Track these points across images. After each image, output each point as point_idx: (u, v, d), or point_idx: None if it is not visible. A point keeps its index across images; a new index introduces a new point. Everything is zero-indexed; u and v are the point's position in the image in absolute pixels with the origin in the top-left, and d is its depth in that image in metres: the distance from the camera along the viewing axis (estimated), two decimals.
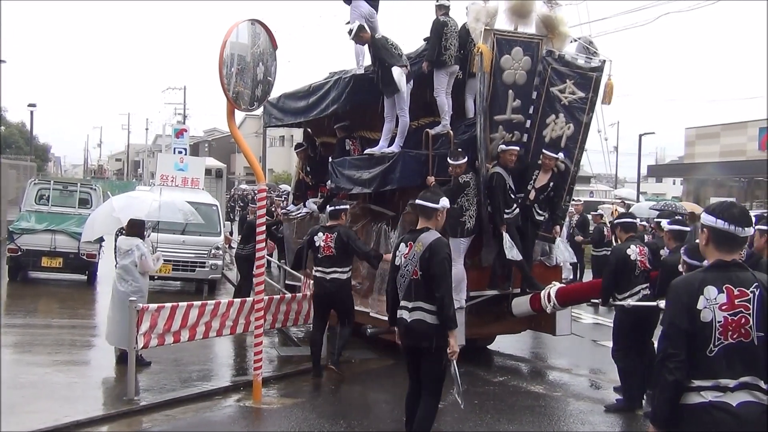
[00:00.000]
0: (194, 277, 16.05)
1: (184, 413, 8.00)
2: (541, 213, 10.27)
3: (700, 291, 3.81)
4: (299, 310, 10.13)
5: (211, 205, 16.73)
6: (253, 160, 8.79)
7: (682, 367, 3.80)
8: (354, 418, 8.02)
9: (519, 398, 8.85)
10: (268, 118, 14.42)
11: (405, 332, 6.35)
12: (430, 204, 6.38)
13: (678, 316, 3.85)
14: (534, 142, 10.14)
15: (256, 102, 8.30)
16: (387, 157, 10.27)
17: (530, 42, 10.22)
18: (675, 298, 3.91)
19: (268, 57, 8.30)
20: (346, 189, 11.33)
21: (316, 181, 13.61)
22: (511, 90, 10.07)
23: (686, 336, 3.81)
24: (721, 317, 3.77)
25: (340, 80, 11.25)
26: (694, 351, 3.81)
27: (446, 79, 10.33)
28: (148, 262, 9.56)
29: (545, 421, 8.09)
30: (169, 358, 9.98)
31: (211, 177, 23.50)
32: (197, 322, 8.73)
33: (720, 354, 3.79)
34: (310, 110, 12.33)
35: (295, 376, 9.73)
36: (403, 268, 6.30)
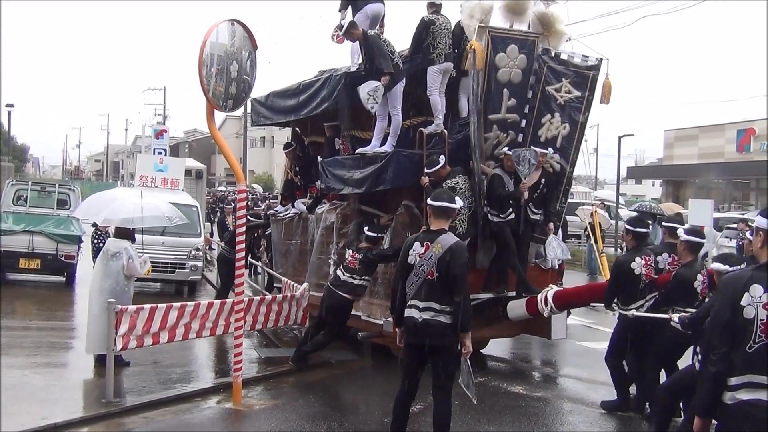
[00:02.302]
0: (174, 279, 15.99)
1: (163, 415, 7.94)
2: (535, 212, 10.10)
3: (746, 288, 3.94)
4: (279, 312, 10.11)
5: (191, 206, 16.63)
6: (233, 160, 8.75)
7: (724, 359, 3.93)
8: (335, 420, 8.01)
9: (499, 399, 8.87)
10: (256, 116, 14.13)
11: (415, 331, 6.36)
12: (450, 204, 6.48)
13: (722, 310, 4.00)
14: (529, 142, 9.98)
15: (230, 100, 8.15)
16: (379, 156, 10.07)
17: (526, 40, 10.04)
18: (722, 292, 4.09)
19: (243, 55, 8.18)
20: (336, 189, 11.12)
21: (304, 181, 13.39)
22: (506, 89, 9.92)
23: (729, 330, 3.91)
24: (764, 315, 3.89)
25: (331, 78, 11.02)
26: (735, 346, 3.92)
27: (439, 78, 10.11)
28: (135, 265, 9.49)
29: (524, 421, 8.11)
30: (149, 359, 9.92)
31: (191, 178, 23.38)
32: (177, 323, 8.69)
33: (760, 351, 3.90)
34: (299, 109, 12.09)
35: (275, 377, 9.69)
36: (417, 268, 6.32)
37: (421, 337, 6.34)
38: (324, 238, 11.40)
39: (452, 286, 6.19)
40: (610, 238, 26.94)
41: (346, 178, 10.66)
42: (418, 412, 7.56)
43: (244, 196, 8.89)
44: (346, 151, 11.52)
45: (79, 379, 9.29)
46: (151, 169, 16.79)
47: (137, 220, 9.67)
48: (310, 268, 11.61)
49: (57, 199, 17.30)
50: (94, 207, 10.40)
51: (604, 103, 10.29)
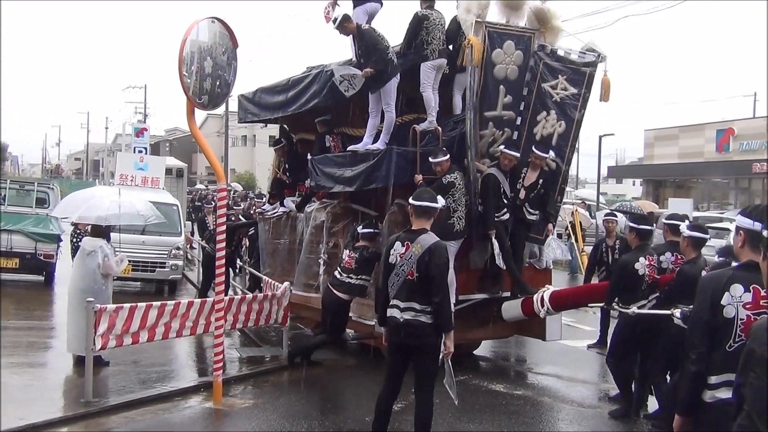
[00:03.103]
0: (154, 278, 15.93)
1: (142, 415, 7.90)
2: (532, 212, 9.92)
3: (726, 287, 3.97)
4: (260, 311, 10.06)
5: (172, 205, 16.58)
6: (213, 159, 8.71)
7: (703, 359, 3.97)
8: (315, 419, 8.00)
9: (480, 397, 8.89)
10: (243, 113, 13.74)
11: (397, 331, 6.36)
12: (431, 204, 6.45)
13: (702, 309, 4.03)
14: (524, 140, 9.82)
15: (205, 96, 8.00)
16: (372, 154, 9.86)
17: (522, 36, 9.85)
18: (702, 291, 4.08)
19: (219, 51, 8.07)
20: (327, 187, 10.91)
21: (293, 179, 13.04)
22: (502, 85, 9.74)
23: (708, 329, 3.94)
24: (744, 315, 3.91)
25: (322, 73, 10.70)
26: (715, 345, 3.95)
27: (433, 74, 9.88)
28: (111, 264, 9.44)
29: (504, 419, 8.14)
30: (129, 359, 9.87)
31: (172, 176, 23.30)
32: (156, 322, 8.64)
33: (739, 350, 3.91)
34: (288, 105, 11.74)
35: (256, 376, 9.67)
36: (398, 268, 6.31)
37: (403, 337, 6.35)
38: (313, 237, 11.18)
39: (431, 286, 6.19)
40: (591, 237, 27.07)
41: (337, 175, 10.47)
42: (399, 410, 7.56)
43: (224, 195, 8.85)
44: (336, 149, 11.33)
45: (58, 379, 9.22)
46: (132, 168, 16.83)
47: (113, 218, 9.60)
48: (299, 267, 11.43)
49: (36, 198, 17.18)
50: (72, 205, 10.35)
51: (604, 101, 10.13)
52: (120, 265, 9.70)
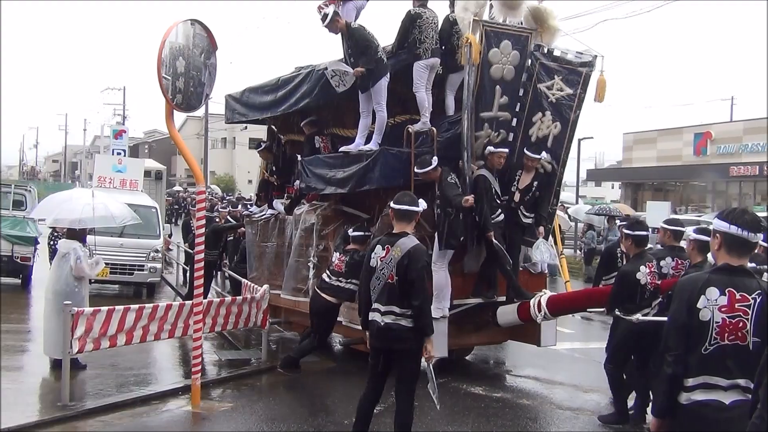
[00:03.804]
0: (132, 281, 15.85)
1: (120, 418, 7.85)
2: (527, 216, 9.75)
3: (702, 291, 3.99)
4: (239, 314, 10.03)
5: (150, 207, 16.48)
6: (192, 161, 8.67)
7: (679, 361, 4.01)
8: (294, 421, 7.98)
9: (459, 399, 8.90)
10: (231, 113, 13.44)
11: (378, 335, 6.37)
12: (412, 207, 6.43)
13: (678, 312, 4.06)
14: (520, 142, 9.66)
15: (179, 95, 7.91)
16: (365, 155, 9.66)
17: (519, 35, 9.66)
18: (678, 294, 4.12)
19: (193, 52, 8.00)
20: (318, 189, 10.67)
21: (282, 181, 12.79)
22: (498, 86, 9.53)
23: (685, 332, 3.98)
24: (720, 318, 3.94)
25: (313, 73, 10.50)
26: (690, 347, 3.98)
27: (426, 74, 9.70)
28: (83, 266, 9.36)
29: (483, 421, 8.16)
30: (106, 362, 9.80)
31: (151, 179, 23.18)
32: (134, 325, 8.59)
33: (715, 353, 3.97)
34: (277, 105, 11.52)
35: (235, 379, 9.64)
36: (378, 271, 6.31)
37: (384, 340, 6.36)
38: (303, 240, 10.99)
39: (411, 289, 6.19)
40: (570, 240, 27.23)
41: (328, 177, 10.27)
42: (378, 413, 7.54)
43: (203, 197, 8.82)
44: (326, 150, 11.10)
45: (34, 383, 9.14)
46: (110, 170, 16.77)
47: (87, 220, 9.53)
48: (288, 271, 11.24)
49: (13, 200, 17.07)
50: (49, 207, 10.27)
51: (598, 101, 9.96)
52: (95, 267, 9.63)
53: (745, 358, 3.91)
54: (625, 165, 45.26)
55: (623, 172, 45.94)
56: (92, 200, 9.65)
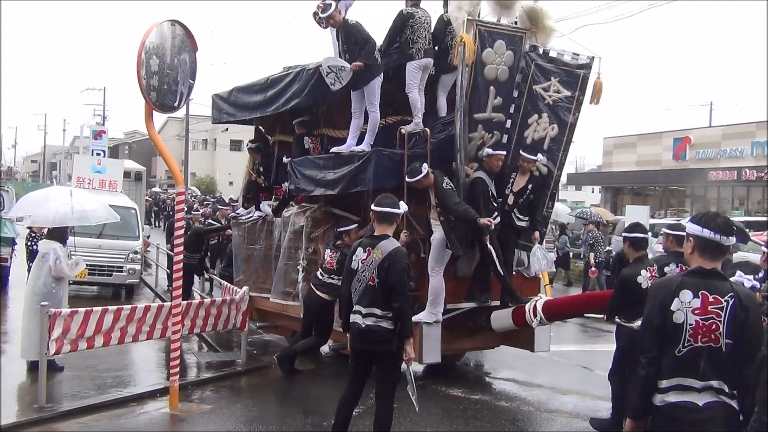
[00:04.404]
0: (111, 282, 15.76)
1: (97, 420, 7.81)
2: (521, 219, 9.53)
3: (676, 293, 4.04)
4: (219, 315, 10.00)
5: (130, 209, 16.39)
6: (172, 162, 8.64)
7: (653, 363, 4.05)
8: (272, 423, 7.98)
9: (438, 401, 8.92)
10: (218, 113, 12.96)
11: (359, 337, 6.38)
12: (393, 210, 6.45)
13: (652, 314, 4.11)
14: (514, 144, 9.44)
15: (153, 92, 7.84)
16: (357, 156, 9.40)
17: (514, 35, 9.44)
18: (652, 297, 4.17)
19: (172, 51, 7.94)
20: (307, 191, 10.40)
21: (269, 182, 12.32)
22: (492, 86, 9.31)
23: (659, 334, 4.03)
24: (693, 320, 3.99)
25: (304, 72, 10.19)
26: (664, 349, 4.03)
27: (419, 74, 9.46)
28: (62, 267, 9.31)
29: (461, 423, 8.18)
30: (84, 364, 9.74)
31: (130, 180, 23.03)
32: (112, 327, 8.55)
33: (688, 355, 4.01)
34: (267, 105, 11.17)
35: (214, 381, 9.62)
36: (359, 273, 6.33)
37: (365, 342, 6.38)
38: (292, 243, 10.72)
39: (391, 292, 6.21)
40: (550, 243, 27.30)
41: (318, 178, 10.04)
42: (357, 415, 7.53)
43: (182, 199, 8.79)
44: (316, 151, 10.87)
45: (10, 385, 9.04)
46: (89, 171, 16.65)
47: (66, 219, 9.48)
48: (277, 274, 10.98)
49: None
50: (26, 206, 10.20)
51: (594, 104, 9.78)
52: (75, 268, 9.57)
53: (718, 359, 3.97)
54: (606, 169, 45.55)
55: (603, 176, 46.23)
56: (71, 199, 9.59)
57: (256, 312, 11.88)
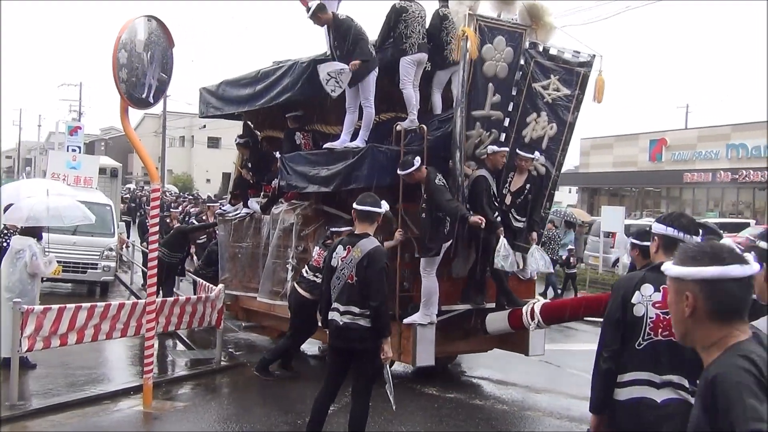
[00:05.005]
0: (86, 279, 15.65)
1: (69, 419, 7.75)
2: (519, 219, 9.33)
3: (638, 287, 4.11)
4: (194, 313, 9.95)
5: (105, 205, 16.29)
6: (147, 158, 8.59)
7: (614, 357, 4.10)
8: (247, 421, 7.96)
9: (413, 399, 8.91)
10: (205, 107, 12.57)
11: (336, 334, 6.38)
12: (374, 209, 6.43)
13: (613, 308, 4.17)
14: (512, 143, 9.23)
15: (123, 83, 7.72)
16: (352, 152, 9.15)
17: (514, 32, 9.21)
18: (615, 292, 4.23)
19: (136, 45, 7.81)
20: (300, 188, 10.10)
21: (258, 179, 12.01)
22: (491, 83, 9.07)
23: (619, 327, 4.07)
24: (654, 314, 4.03)
25: (296, 66, 9.93)
26: (624, 343, 4.07)
27: (413, 70, 9.20)
28: (38, 263, 9.25)
29: (436, 421, 8.21)
30: (57, 361, 9.67)
31: (106, 176, 22.85)
32: (86, 324, 8.48)
33: (648, 348, 4.06)
34: (256, 99, 10.85)
35: (189, 379, 9.60)
36: (339, 271, 6.32)
37: (342, 340, 6.38)
38: (281, 241, 10.43)
39: (369, 290, 6.22)
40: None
41: (311, 175, 9.75)
42: (332, 413, 7.54)
43: (157, 195, 8.74)
44: (307, 147, 10.63)
45: None
46: (64, 167, 16.54)
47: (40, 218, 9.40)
48: (265, 273, 10.67)
49: None
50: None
51: (597, 102, 9.61)
52: (49, 266, 9.51)
53: (678, 354, 3.96)
54: (582, 170, 45.79)
55: (580, 176, 46.47)
56: (47, 198, 9.53)
57: (242, 311, 11.79)
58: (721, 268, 2.34)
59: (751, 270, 2.38)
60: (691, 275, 2.38)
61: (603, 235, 22.03)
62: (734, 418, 2.16)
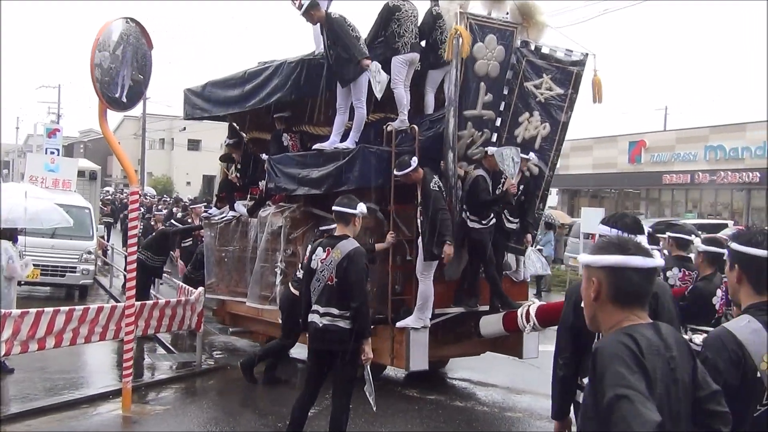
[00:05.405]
0: (64, 283, 15.54)
1: (48, 423, 7.70)
2: (512, 221, 9.25)
3: None
4: (173, 316, 9.89)
5: (84, 208, 16.17)
6: (125, 160, 8.55)
7: (570, 363, 4.10)
8: (227, 424, 7.94)
9: (394, 401, 8.89)
10: (190, 109, 12.31)
11: (316, 336, 6.37)
12: (348, 210, 6.42)
13: (566, 314, 4.21)
14: (504, 142, 9.09)
15: (97, 83, 7.66)
16: (342, 153, 9.01)
17: (505, 30, 9.07)
18: (567, 298, 4.25)
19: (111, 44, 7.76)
20: (288, 190, 9.92)
21: (244, 181, 11.79)
22: (482, 82, 8.95)
23: (573, 333, 4.08)
24: None
25: (284, 65, 9.73)
26: (580, 347, 4.07)
27: (405, 69, 9.05)
28: (15, 267, 9.17)
29: (416, 422, 8.21)
30: (35, 366, 9.60)
31: (85, 179, 22.71)
32: (64, 328, 8.42)
33: None
34: (244, 100, 10.63)
35: (168, 383, 9.56)
36: (318, 273, 6.32)
37: (322, 342, 6.37)
38: (269, 245, 10.23)
39: (350, 291, 6.22)
40: None
41: (300, 177, 9.57)
42: (312, 416, 7.53)
43: (136, 198, 8.70)
44: (295, 148, 10.44)
45: None
46: (42, 169, 16.40)
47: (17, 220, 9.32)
48: (253, 278, 10.43)
49: None
50: None
51: (598, 102, 9.46)
52: (25, 269, 9.43)
53: None
54: (562, 171, 45.80)
55: (560, 178, 46.55)
56: (24, 200, 9.45)
57: (229, 317, 11.66)
58: (623, 257, 2.58)
59: (653, 263, 2.61)
60: (597, 262, 2.64)
61: (583, 236, 22.13)
62: (605, 383, 2.37)
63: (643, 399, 2.32)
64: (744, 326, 3.04)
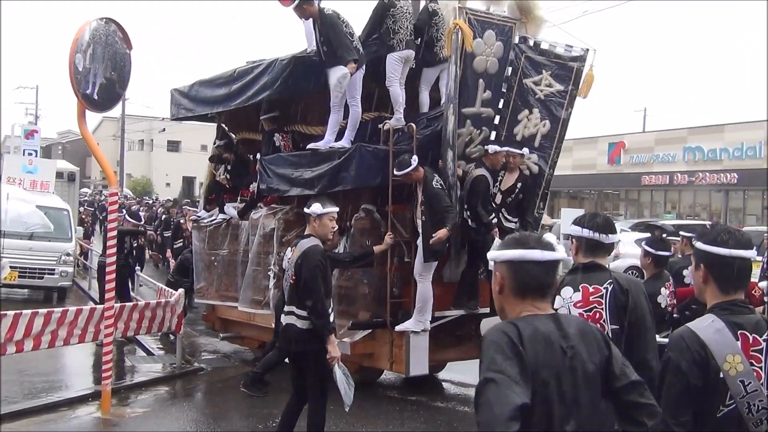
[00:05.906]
0: (43, 285, 15.39)
1: (26, 426, 7.64)
2: (510, 219, 9.03)
3: (558, 292, 4.06)
4: (153, 318, 9.83)
5: (62, 210, 16.04)
6: (104, 161, 8.51)
7: None
8: (207, 426, 7.92)
9: (375, 402, 8.91)
10: (176, 109, 11.91)
11: (282, 335, 6.41)
12: (306, 209, 6.41)
13: None
14: (503, 140, 8.95)
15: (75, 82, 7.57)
16: (338, 152, 8.78)
17: (504, 26, 8.88)
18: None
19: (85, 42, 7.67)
20: (282, 191, 9.68)
21: (234, 183, 11.46)
22: (481, 79, 8.75)
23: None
24: (577, 314, 4.03)
25: (276, 63, 9.40)
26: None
27: (400, 67, 8.83)
28: None
29: (397, 423, 8.21)
30: (13, 368, 9.47)
31: (63, 180, 22.52)
32: (42, 330, 8.34)
33: None
34: (232, 99, 10.30)
35: (148, 385, 9.48)
36: (286, 272, 6.34)
37: (286, 341, 6.37)
38: (261, 248, 9.93)
39: (304, 290, 6.12)
40: None
41: (293, 177, 9.35)
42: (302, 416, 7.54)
43: (115, 200, 8.65)
44: (287, 148, 10.11)
45: None
46: (20, 171, 16.27)
47: None
48: (245, 282, 10.14)
49: None
50: None
51: (582, 97, 9.28)
52: (2, 271, 9.36)
53: None
54: None
55: None
56: (5, 202, 9.39)
57: (219, 322, 11.47)
58: (522, 251, 2.73)
59: (551, 256, 2.75)
60: (500, 257, 2.80)
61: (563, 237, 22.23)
62: (480, 369, 2.54)
63: (510, 383, 2.46)
64: (707, 326, 3.06)
